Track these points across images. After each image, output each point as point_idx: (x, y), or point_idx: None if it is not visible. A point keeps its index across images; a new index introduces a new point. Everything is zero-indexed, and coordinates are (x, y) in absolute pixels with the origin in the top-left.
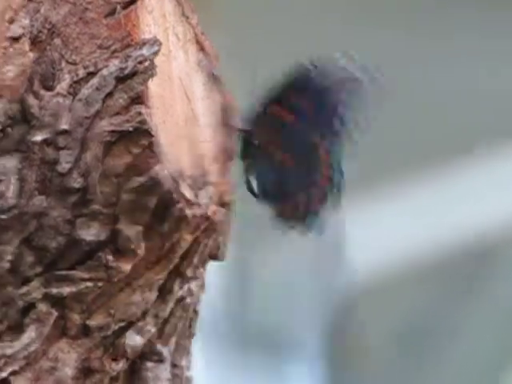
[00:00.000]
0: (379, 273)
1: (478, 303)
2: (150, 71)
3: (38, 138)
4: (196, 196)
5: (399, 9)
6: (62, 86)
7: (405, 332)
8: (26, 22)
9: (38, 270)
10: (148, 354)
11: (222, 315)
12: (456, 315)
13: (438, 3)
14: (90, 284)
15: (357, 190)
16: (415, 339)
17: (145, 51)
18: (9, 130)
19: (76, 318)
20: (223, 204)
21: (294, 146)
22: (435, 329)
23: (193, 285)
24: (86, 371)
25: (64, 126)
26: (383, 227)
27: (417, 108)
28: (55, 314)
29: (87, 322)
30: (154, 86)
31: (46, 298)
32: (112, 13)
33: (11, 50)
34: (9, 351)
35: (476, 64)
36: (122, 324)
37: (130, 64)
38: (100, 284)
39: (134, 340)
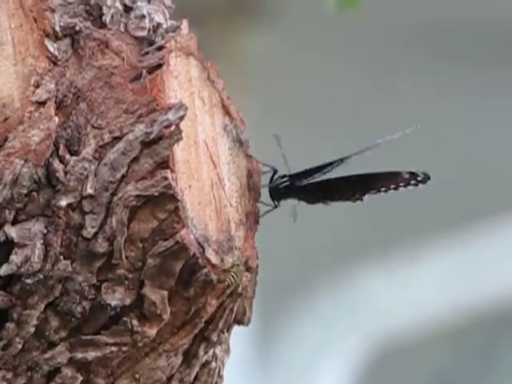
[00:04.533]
0: (403, 334)
1: (502, 366)
2: (175, 136)
3: (64, 202)
4: (222, 261)
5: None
6: (88, 150)
7: None
8: (52, 86)
9: (63, 334)
10: None
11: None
12: (480, 377)
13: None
14: (114, 349)
15: (383, 250)
16: None
17: (170, 116)
18: (34, 194)
19: (101, 382)
20: (248, 269)
21: None
22: None
23: (218, 349)
24: None
25: (89, 191)
26: (408, 289)
27: (437, 172)
28: (80, 378)
29: None
30: (179, 150)
31: (71, 362)
32: (138, 77)
33: (37, 114)
34: None
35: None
36: None
37: (156, 129)
38: (125, 349)
39: None
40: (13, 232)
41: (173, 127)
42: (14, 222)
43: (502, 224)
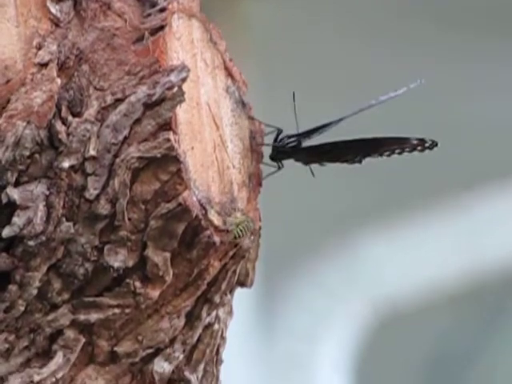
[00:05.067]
0: (405, 300)
1: (505, 332)
2: (178, 98)
3: (66, 164)
4: (224, 223)
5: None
6: (90, 112)
7: (430, 359)
8: (54, 48)
9: (66, 296)
10: (176, 381)
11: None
12: (483, 343)
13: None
14: (117, 311)
15: (386, 216)
16: (441, 366)
17: (173, 77)
18: (37, 156)
19: (104, 344)
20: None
21: None
22: (461, 356)
23: (220, 311)
24: None
25: (92, 153)
26: (411, 255)
27: (441, 137)
28: (83, 340)
29: (115, 349)
30: (182, 112)
31: (74, 324)
32: (140, 39)
33: (39, 76)
34: (36, 378)
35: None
36: (150, 351)
37: (158, 90)
38: (128, 311)
39: (161, 367)
40: (15, 194)
41: (175, 89)
42: (17, 184)
43: (508, 189)
